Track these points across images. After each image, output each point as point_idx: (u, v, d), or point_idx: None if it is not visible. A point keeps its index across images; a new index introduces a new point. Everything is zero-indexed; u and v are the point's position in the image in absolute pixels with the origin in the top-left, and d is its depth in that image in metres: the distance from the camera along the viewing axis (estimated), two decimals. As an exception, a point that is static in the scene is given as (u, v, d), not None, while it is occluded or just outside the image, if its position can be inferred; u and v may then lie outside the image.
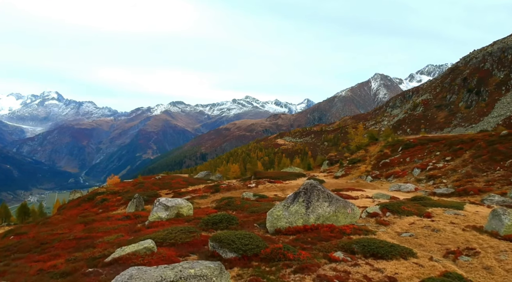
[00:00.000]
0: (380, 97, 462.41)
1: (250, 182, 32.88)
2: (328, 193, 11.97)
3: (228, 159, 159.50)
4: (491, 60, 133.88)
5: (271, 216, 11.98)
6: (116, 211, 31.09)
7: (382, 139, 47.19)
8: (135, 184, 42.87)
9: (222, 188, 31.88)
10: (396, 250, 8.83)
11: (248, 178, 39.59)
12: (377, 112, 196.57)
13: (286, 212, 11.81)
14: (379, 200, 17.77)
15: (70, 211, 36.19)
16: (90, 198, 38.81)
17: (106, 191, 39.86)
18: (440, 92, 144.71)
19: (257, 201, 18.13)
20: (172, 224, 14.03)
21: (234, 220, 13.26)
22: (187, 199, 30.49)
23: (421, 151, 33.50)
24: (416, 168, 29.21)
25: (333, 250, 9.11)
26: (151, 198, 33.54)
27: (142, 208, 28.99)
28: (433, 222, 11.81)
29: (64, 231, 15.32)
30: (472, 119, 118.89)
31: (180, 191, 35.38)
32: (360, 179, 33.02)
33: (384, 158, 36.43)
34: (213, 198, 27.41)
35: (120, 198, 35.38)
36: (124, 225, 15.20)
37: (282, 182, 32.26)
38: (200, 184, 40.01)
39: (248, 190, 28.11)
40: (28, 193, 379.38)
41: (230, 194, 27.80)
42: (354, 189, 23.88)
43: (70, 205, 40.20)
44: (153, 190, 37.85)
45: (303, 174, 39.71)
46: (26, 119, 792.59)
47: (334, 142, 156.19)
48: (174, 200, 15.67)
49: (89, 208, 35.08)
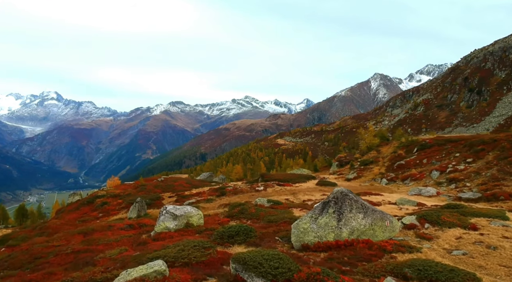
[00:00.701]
0: (380, 97, 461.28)
1: (257, 185, 31.35)
2: (362, 203, 10.44)
3: (228, 159, 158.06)
4: (492, 60, 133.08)
5: (297, 229, 10.47)
6: (117, 216, 29.57)
7: (394, 140, 45.27)
8: (137, 187, 41.53)
9: (228, 191, 30.39)
10: (458, 275, 7.31)
11: (255, 180, 38.11)
12: (377, 112, 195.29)
13: (314, 225, 10.30)
14: (406, 207, 16.27)
15: (69, 215, 34.75)
16: (90, 201, 37.35)
17: (106, 193, 38.45)
18: (441, 92, 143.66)
19: (271, 207, 16.61)
20: (181, 236, 12.52)
21: (252, 232, 11.75)
22: (191, 203, 29.00)
23: (439, 152, 31.92)
24: (434, 170, 27.61)
25: (381, 275, 7.59)
26: (153, 201, 32.17)
27: (144, 213, 27.45)
28: (482, 236, 10.29)
29: (61, 242, 13.80)
30: (473, 119, 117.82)
31: (184, 194, 34.12)
32: (374, 181, 31.54)
33: (398, 160, 34.79)
34: (219, 202, 25.90)
35: (121, 202, 34.06)
36: (128, 236, 13.67)
37: (292, 185, 30.81)
38: (204, 186, 38.63)
39: (257, 194, 26.56)
40: (27, 193, 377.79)
41: (237, 198, 26.27)
42: (371, 193, 22.31)
43: (69, 208, 38.73)
44: (155, 192, 36.66)
45: (313, 176, 38.12)
46: (26, 120, 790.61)
47: (335, 141, 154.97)
48: (183, 208, 14.14)
49: (89, 211, 33.69)
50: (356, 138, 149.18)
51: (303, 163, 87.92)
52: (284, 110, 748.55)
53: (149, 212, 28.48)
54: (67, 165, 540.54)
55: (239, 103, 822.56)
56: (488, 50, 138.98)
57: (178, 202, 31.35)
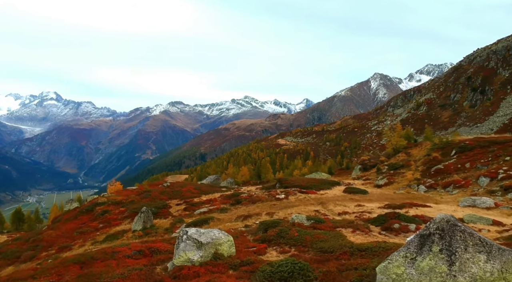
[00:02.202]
0: (380, 97, 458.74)
1: (276, 192, 28.33)
2: (480, 237, 7.27)
3: (229, 160, 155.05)
4: (495, 59, 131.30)
5: (386, 275, 7.32)
6: (120, 226, 27.00)
7: (424, 141, 41.66)
8: (141, 193, 38.11)
9: (243, 199, 27.33)
10: None
11: (271, 185, 35.04)
12: (378, 112, 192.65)
13: (413, 270, 7.15)
14: (482, 226, 13.14)
15: (66, 224, 31.63)
16: (89, 210, 33.95)
17: (107, 201, 35.03)
18: (443, 92, 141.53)
19: (313, 227, 13.34)
20: (211, 273, 9.34)
21: (310, 272, 8.59)
22: (203, 213, 25.80)
23: (483, 155, 28.71)
24: (482, 176, 24.45)
25: None
26: (159, 209, 29.81)
27: (151, 224, 24.70)
28: None
29: (51, 278, 10.64)
30: (477, 119, 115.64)
31: (193, 201, 31.34)
32: (409, 188, 28.35)
33: (434, 163, 31.52)
34: (236, 213, 22.76)
35: (124, 210, 31.01)
36: (138, 269, 10.49)
37: (316, 193, 28.01)
38: (214, 193, 35.45)
39: (278, 204, 23.38)
40: (26, 194, 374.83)
41: (256, 207, 23.12)
42: (416, 204, 18.94)
43: (66, 217, 35.26)
44: (161, 199, 33.39)
45: (336, 182, 34.54)
46: (25, 120, 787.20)
47: (337, 141, 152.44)
48: (209, 232, 10.93)
49: (88, 221, 30.54)
50: (358, 138, 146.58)
51: (311, 164, 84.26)
52: (284, 110, 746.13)
53: (155, 223, 25.66)
54: (67, 165, 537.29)
55: (239, 103, 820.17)
56: (491, 49, 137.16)
57: (187, 210, 28.69)
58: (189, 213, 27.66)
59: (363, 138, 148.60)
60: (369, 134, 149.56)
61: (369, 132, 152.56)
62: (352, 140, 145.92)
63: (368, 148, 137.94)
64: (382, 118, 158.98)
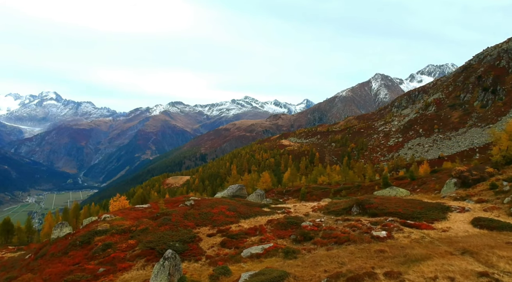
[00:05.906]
0: (381, 98, 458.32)
1: (362, 222, 21.63)
2: None
3: (232, 161, 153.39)
4: (507, 58, 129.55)
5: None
6: (129, 273, 19.28)
7: None
8: (156, 216, 28.44)
9: (312, 231, 21.08)
10: None
11: (344, 209, 27.70)
12: (382, 112, 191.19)
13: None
14: None
15: (52, 263, 23.53)
16: (85, 242, 24.87)
17: (109, 227, 26.28)
18: (453, 91, 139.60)
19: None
20: None
21: None
22: (257, 256, 18.70)
23: None
24: None
25: None
26: (186, 244, 22.23)
27: (179, 276, 16.32)
28: None
29: None
30: (489, 119, 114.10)
31: (231, 230, 24.20)
32: None
33: None
34: (315, 261, 15.23)
35: (134, 244, 22.92)
36: None
37: (431, 226, 20.19)
38: (256, 215, 27.95)
39: (380, 246, 16.29)
40: (26, 194, 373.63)
41: (351, 255, 15.62)
42: None
43: (53, 250, 26.26)
44: (186, 227, 25.38)
45: (446, 206, 25.75)
46: (24, 120, 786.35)
47: (343, 142, 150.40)
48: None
49: (82, 260, 22.39)
50: (364, 139, 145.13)
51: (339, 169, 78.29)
52: (284, 111, 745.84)
53: (185, 272, 17.36)
54: (66, 166, 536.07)
55: (239, 103, 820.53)
56: (502, 48, 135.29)
57: (226, 247, 21.41)
58: (230, 252, 20.44)
59: (369, 139, 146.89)
60: (375, 135, 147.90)
61: (375, 133, 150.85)
62: (359, 141, 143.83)
63: (375, 149, 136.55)
64: (389, 119, 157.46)
